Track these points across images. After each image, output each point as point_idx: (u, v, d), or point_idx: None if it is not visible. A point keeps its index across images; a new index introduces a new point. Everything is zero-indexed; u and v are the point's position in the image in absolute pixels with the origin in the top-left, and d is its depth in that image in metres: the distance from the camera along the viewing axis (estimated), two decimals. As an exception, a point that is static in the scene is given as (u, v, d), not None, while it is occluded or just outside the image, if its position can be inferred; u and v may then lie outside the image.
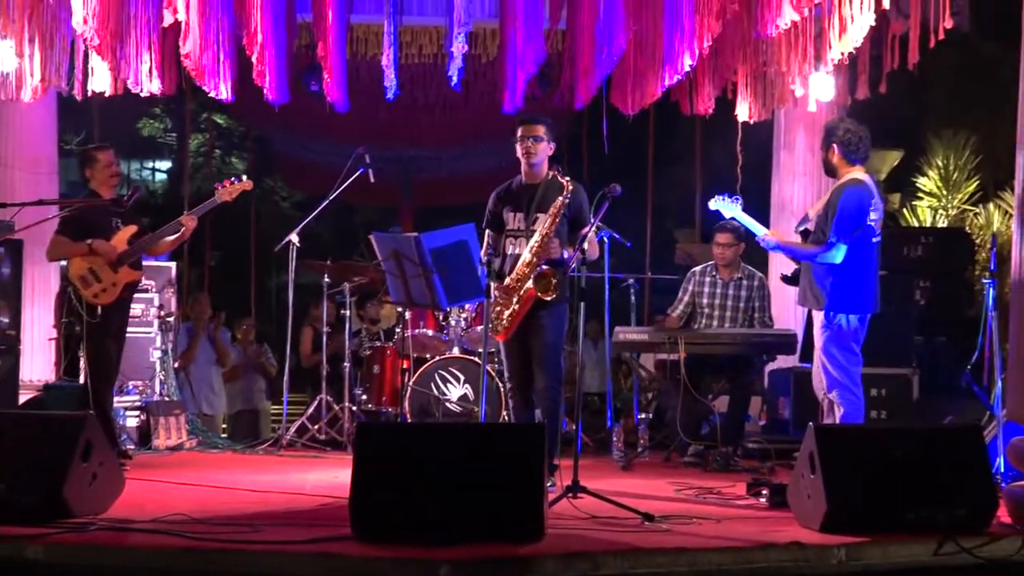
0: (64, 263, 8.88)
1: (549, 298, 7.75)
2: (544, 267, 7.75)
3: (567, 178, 7.91)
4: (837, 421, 7.65)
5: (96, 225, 8.77)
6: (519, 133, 8.03)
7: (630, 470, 9.18)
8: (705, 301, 10.12)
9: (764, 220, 12.13)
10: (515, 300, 7.79)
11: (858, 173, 7.76)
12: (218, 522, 6.05)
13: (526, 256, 7.81)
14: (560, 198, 7.82)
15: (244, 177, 9.45)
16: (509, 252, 7.99)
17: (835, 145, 7.80)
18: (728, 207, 8.48)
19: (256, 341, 13.83)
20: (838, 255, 7.62)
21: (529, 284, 7.74)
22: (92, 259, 8.68)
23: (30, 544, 5.28)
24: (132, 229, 8.90)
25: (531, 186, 8.04)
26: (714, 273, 10.13)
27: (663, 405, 10.27)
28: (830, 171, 7.96)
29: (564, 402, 10.46)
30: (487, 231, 8.16)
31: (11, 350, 10.32)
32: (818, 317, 7.78)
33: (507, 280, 7.83)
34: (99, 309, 8.72)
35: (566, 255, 7.80)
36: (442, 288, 8.17)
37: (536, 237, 7.80)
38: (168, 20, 9.39)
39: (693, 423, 9.64)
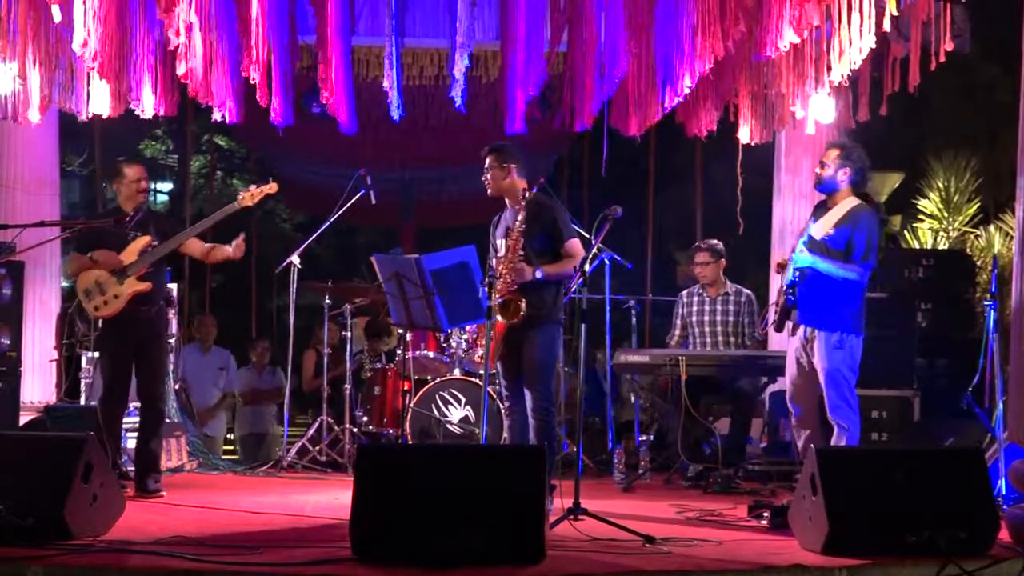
0: (67, 284, 8.82)
1: (514, 322, 7.79)
2: (507, 296, 7.81)
3: (530, 193, 7.99)
4: (844, 443, 7.67)
5: (108, 239, 8.60)
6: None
7: (631, 492, 9.17)
8: (694, 319, 10.26)
9: (765, 242, 12.21)
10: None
11: (858, 200, 7.91)
12: (218, 544, 6.05)
13: (499, 285, 7.86)
14: (516, 220, 7.90)
15: (270, 179, 9.12)
16: (497, 276, 8.05)
17: (850, 168, 7.84)
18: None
19: (270, 364, 13.82)
20: (866, 276, 7.78)
21: (498, 317, 7.77)
22: (99, 271, 8.50)
23: (30, 565, 5.28)
24: (144, 240, 8.60)
25: (514, 212, 8.10)
26: (701, 292, 10.31)
27: (664, 427, 10.28)
28: (828, 187, 7.94)
29: (565, 423, 10.52)
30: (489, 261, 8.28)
31: (12, 371, 10.31)
32: (826, 338, 7.76)
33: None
34: (99, 323, 8.69)
35: (539, 275, 7.83)
36: (443, 310, 8.18)
37: (501, 266, 7.91)
38: (173, 43, 9.37)
39: (693, 444, 9.65)
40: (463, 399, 10.29)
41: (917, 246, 14.02)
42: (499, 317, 7.75)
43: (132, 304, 8.53)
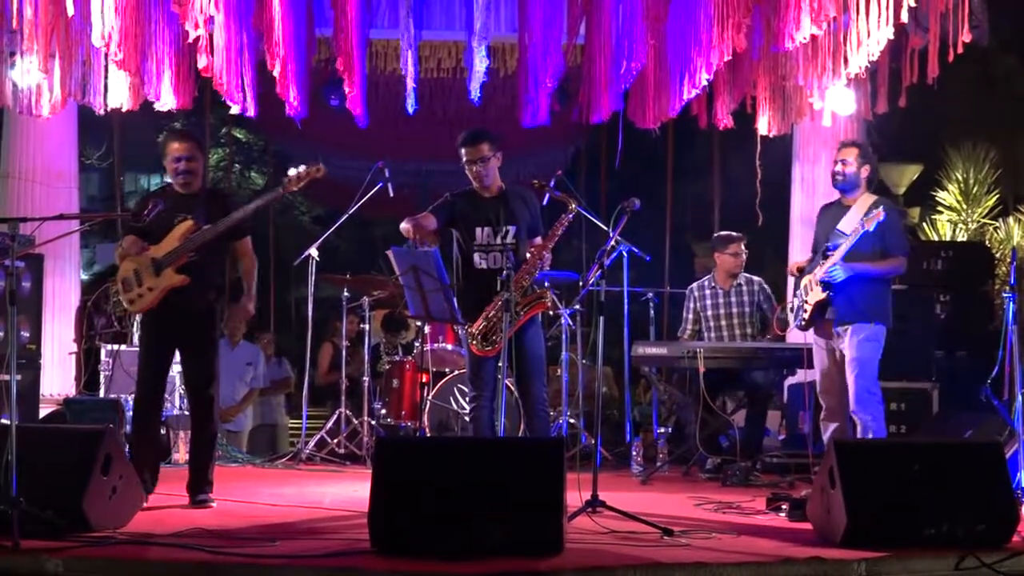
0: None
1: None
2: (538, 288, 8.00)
3: (563, 194, 8.09)
4: (871, 436, 7.70)
5: (157, 223, 7.55)
6: (464, 158, 8.08)
7: (649, 484, 9.17)
8: (709, 313, 10.26)
9: (784, 235, 12.19)
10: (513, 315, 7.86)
11: (874, 195, 8.14)
12: (237, 536, 6.07)
13: (523, 268, 7.89)
14: (562, 219, 8.03)
15: (320, 160, 7.95)
16: (479, 267, 8.05)
17: (870, 166, 8.00)
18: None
19: (276, 355, 13.81)
20: (906, 264, 8.09)
21: (548, 299, 7.88)
22: (138, 260, 7.54)
23: (50, 557, 5.29)
24: (187, 226, 7.53)
25: (494, 199, 8.12)
26: (713, 284, 10.31)
27: (682, 419, 10.28)
28: (851, 185, 8.04)
29: (583, 416, 10.52)
30: (430, 211, 8.10)
31: (32, 364, 10.35)
32: (858, 330, 7.83)
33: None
34: (131, 318, 8.08)
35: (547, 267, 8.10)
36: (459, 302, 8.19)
37: (545, 254, 7.98)
38: (190, 36, 9.38)
39: (711, 437, 9.65)
40: (481, 392, 10.29)
41: (936, 238, 13.99)
42: (548, 303, 8.02)
43: (172, 297, 7.54)
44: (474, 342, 7.93)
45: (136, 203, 8.20)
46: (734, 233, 10.55)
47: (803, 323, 8.18)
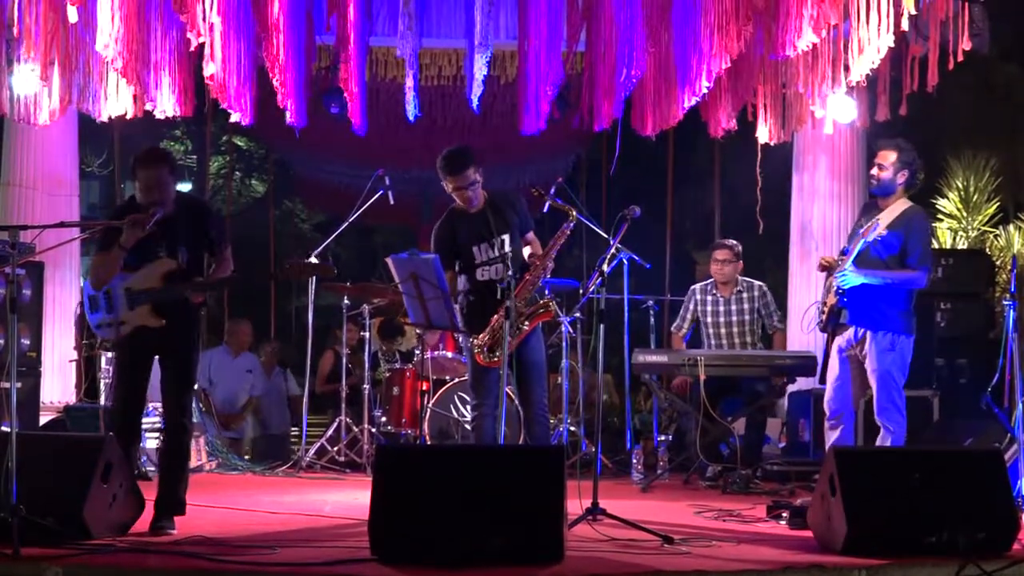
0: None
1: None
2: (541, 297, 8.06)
3: (563, 203, 8.17)
4: (888, 444, 7.66)
5: (135, 245, 6.95)
6: (451, 185, 8.10)
7: (650, 492, 9.16)
8: (709, 320, 10.26)
9: (784, 243, 12.17)
10: (518, 326, 7.85)
11: (910, 202, 7.92)
12: (237, 544, 6.06)
13: (526, 279, 7.95)
14: (563, 228, 8.10)
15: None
16: (482, 279, 8.10)
17: (907, 171, 7.82)
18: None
19: (279, 365, 13.80)
20: (924, 279, 7.80)
21: (552, 309, 7.93)
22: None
23: (50, 565, 5.29)
24: (169, 266, 7.01)
25: (480, 212, 8.16)
26: (714, 291, 10.31)
27: (683, 427, 10.28)
28: (886, 190, 7.89)
29: (584, 424, 10.52)
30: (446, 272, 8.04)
31: (32, 372, 10.35)
32: (878, 339, 7.74)
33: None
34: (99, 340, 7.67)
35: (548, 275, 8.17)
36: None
37: (547, 264, 8.06)
38: (194, 43, 9.37)
39: (711, 444, 9.65)
40: (481, 399, 10.29)
41: (936, 246, 13.97)
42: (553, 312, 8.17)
43: (135, 330, 7.02)
44: (480, 352, 7.94)
45: (113, 213, 7.67)
46: (725, 240, 10.56)
47: (820, 325, 8.11)
